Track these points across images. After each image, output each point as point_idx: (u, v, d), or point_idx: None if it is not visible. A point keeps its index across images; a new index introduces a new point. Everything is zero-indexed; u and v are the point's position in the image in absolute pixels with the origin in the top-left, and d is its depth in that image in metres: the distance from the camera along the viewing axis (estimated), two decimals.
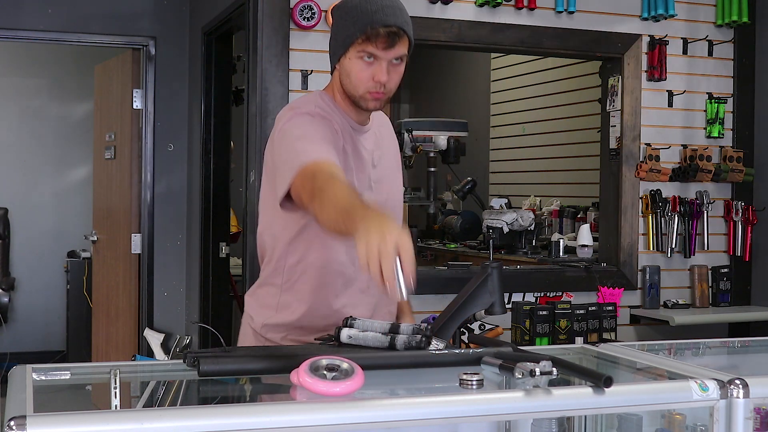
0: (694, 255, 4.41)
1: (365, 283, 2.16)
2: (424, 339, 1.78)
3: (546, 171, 6.05)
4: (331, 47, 2.15)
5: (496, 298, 1.88)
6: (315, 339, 1.92)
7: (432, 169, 4.99)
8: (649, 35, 4.31)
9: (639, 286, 4.31)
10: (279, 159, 2.03)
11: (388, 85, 2.08)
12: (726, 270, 4.44)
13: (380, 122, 2.31)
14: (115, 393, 1.56)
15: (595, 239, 4.44)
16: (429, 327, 1.82)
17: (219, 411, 1.37)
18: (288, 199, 1.97)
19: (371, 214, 1.67)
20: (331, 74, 2.19)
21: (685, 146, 4.39)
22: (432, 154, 4.89)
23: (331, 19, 2.25)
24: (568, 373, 1.67)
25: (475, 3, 4.04)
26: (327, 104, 2.15)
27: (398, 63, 2.08)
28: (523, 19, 4.12)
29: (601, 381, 1.54)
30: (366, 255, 1.58)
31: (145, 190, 5.43)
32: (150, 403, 1.76)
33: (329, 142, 2.01)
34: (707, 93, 4.44)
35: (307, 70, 3.80)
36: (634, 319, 4.30)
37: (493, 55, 6.54)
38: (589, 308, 3.81)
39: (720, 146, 4.47)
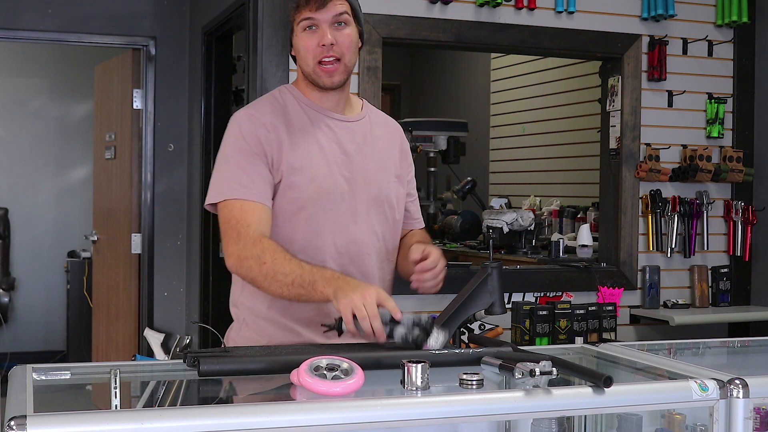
0: (693, 255, 4.41)
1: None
2: (420, 335, 1.78)
3: (546, 171, 6.05)
4: (289, 39, 2.17)
5: (496, 298, 1.88)
6: (322, 325, 1.92)
7: (432, 169, 5.00)
8: (649, 35, 4.31)
9: (639, 286, 4.31)
10: (214, 167, 2.16)
11: (337, 49, 2.06)
12: (726, 270, 4.44)
13: (383, 122, 2.29)
14: (115, 393, 1.56)
15: (595, 239, 4.44)
16: (429, 319, 1.82)
17: (219, 411, 1.38)
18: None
19: (335, 276, 1.88)
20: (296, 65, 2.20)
21: (685, 146, 4.39)
22: (432, 154, 4.90)
23: None
24: (568, 373, 1.67)
25: (475, 3, 4.04)
26: (282, 93, 2.17)
27: (342, 26, 2.07)
28: (523, 19, 4.12)
29: (601, 381, 1.55)
30: (352, 314, 1.78)
31: (145, 190, 5.43)
32: (150, 403, 1.76)
33: (247, 157, 2.06)
34: (707, 93, 4.44)
35: None
36: (634, 319, 4.30)
37: (493, 55, 6.54)
38: (589, 308, 3.82)
39: (720, 146, 4.47)
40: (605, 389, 1.55)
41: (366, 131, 2.21)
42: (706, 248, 4.42)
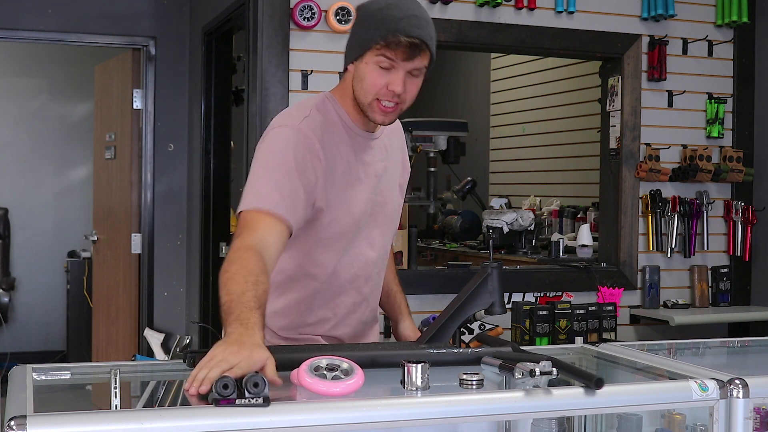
0: (693, 255, 4.41)
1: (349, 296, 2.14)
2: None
3: (546, 171, 6.05)
4: (347, 47, 2.04)
5: (496, 298, 1.88)
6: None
7: (432, 169, 4.99)
8: (649, 35, 4.31)
9: (639, 286, 4.31)
10: (250, 176, 1.97)
11: (403, 96, 1.98)
12: (726, 270, 4.44)
13: (391, 129, 2.24)
14: (115, 393, 1.56)
15: (595, 239, 4.44)
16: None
17: (219, 411, 1.37)
18: None
19: (238, 325, 1.58)
20: (342, 74, 2.10)
21: (685, 146, 4.39)
22: (432, 154, 4.89)
23: (354, 16, 2.17)
24: (561, 373, 1.68)
25: (475, 3, 4.04)
26: (328, 109, 2.07)
27: (416, 76, 1.99)
28: (523, 19, 4.12)
29: (592, 382, 1.55)
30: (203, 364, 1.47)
31: (145, 190, 5.43)
32: (150, 403, 1.76)
33: (291, 177, 1.93)
34: (707, 93, 4.44)
35: (307, 70, 3.80)
36: (634, 319, 4.30)
37: (493, 55, 6.54)
38: (589, 308, 3.81)
39: (720, 146, 4.47)
40: (601, 389, 1.55)
41: (386, 144, 2.19)
42: (706, 248, 4.42)
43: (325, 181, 1.99)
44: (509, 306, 3.75)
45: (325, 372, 1.51)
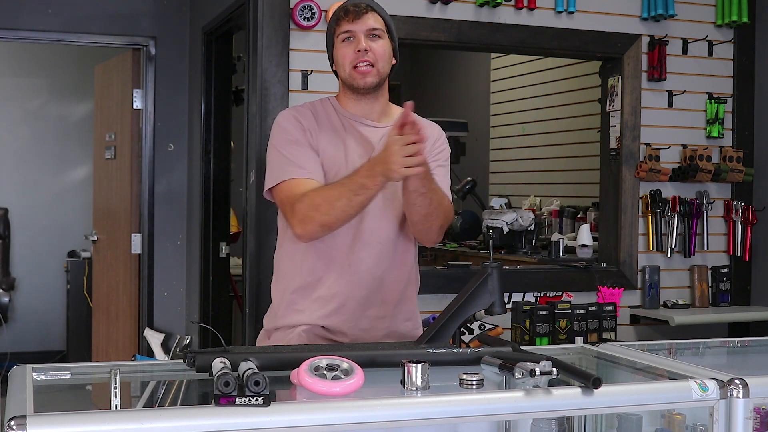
0: (693, 255, 4.41)
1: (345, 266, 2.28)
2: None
3: (546, 171, 6.05)
4: (327, 54, 2.37)
5: (496, 298, 1.88)
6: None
7: None
8: (649, 35, 4.31)
9: (639, 286, 4.31)
10: (268, 159, 2.33)
11: (371, 55, 2.25)
12: (726, 270, 4.44)
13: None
14: (115, 393, 1.56)
15: (595, 239, 4.44)
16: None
17: (219, 411, 1.37)
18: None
19: (367, 166, 2.11)
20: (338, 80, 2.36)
21: (685, 146, 4.39)
22: None
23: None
24: (561, 373, 1.68)
25: (475, 3, 4.04)
26: (323, 102, 2.36)
27: (376, 39, 2.26)
28: (523, 19, 4.12)
29: (589, 381, 1.55)
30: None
31: (145, 190, 5.43)
32: (150, 403, 1.76)
33: (303, 145, 2.27)
34: (707, 93, 4.44)
35: (307, 70, 3.80)
36: (634, 319, 4.30)
37: (493, 55, 6.54)
38: (589, 308, 3.82)
39: (720, 146, 4.47)
40: (601, 389, 1.55)
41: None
42: (706, 248, 4.42)
43: (315, 145, 2.29)
44: (509, 306, 3.75)
45: (325, 372, 1.51)
